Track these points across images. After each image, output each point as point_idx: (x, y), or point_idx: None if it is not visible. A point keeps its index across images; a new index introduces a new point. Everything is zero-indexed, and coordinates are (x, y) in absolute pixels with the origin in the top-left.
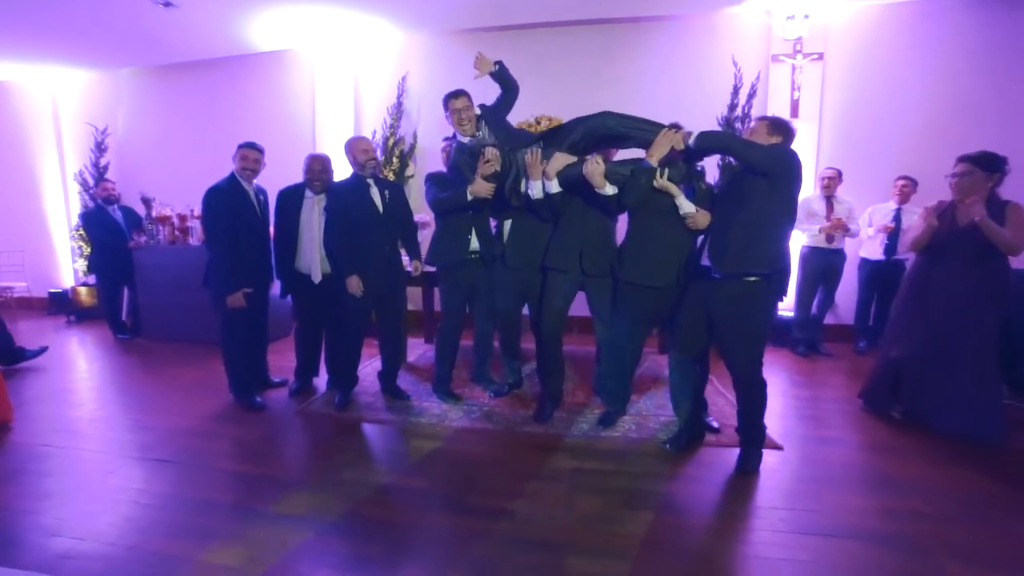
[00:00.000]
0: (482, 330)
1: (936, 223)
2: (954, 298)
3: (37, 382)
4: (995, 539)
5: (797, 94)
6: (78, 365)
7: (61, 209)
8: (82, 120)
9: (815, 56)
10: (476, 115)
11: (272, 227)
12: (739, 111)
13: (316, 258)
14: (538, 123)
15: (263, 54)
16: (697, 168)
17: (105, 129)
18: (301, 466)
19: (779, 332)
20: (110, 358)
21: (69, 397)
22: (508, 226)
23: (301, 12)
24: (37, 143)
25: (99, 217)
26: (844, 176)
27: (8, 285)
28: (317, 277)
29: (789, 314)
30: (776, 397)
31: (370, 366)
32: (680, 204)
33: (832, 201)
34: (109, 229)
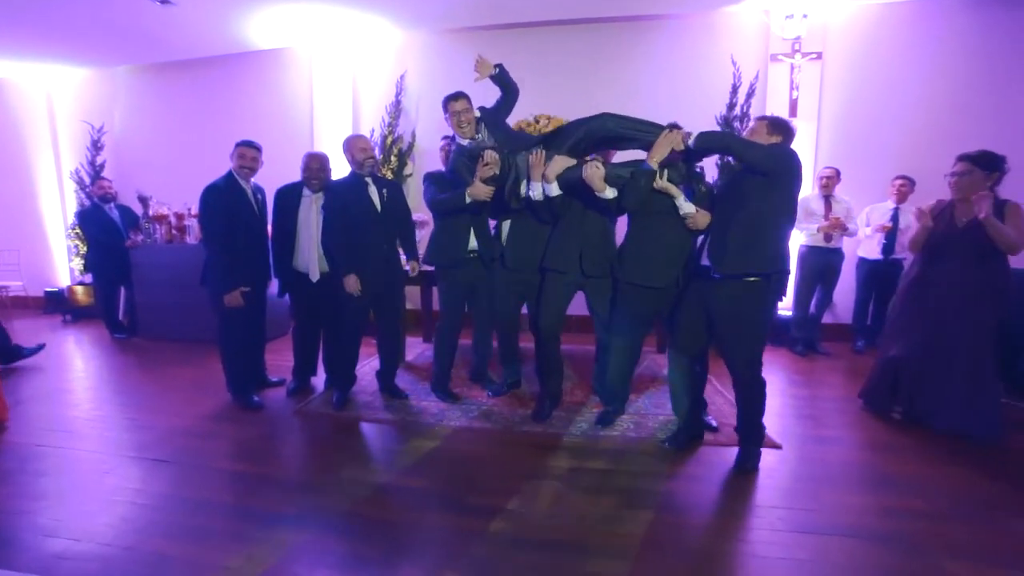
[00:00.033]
0: (481, 329)
1: (930, 223)
2: (953, 297)
3: (33, 381)
4: (993, 538)
5: (796, 93)
6: (74, 364)
7: (57, 207)
8: (78, 118)
9: (814, 55)
10: (476, 117)
11: (270, 226)
12: (738, 110)
13: (314, 257)
14: (537, 121)
15: (261, 52)
16: (696, 170)
17: (101, 127)
18: (299, 466)
19: (777, 331)
20: (107, 357)
21: (65, 396)
22: (507, 228)
23: (299, 10)
24: (32, 141)
25: (95, 216)
26: (842, 175)
27: (4, 284)
28: (315, 276)
29: (787, 313)
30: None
31: (368, 365)
32: (680, 205)
33: (830, 200)
34: (105, 228)
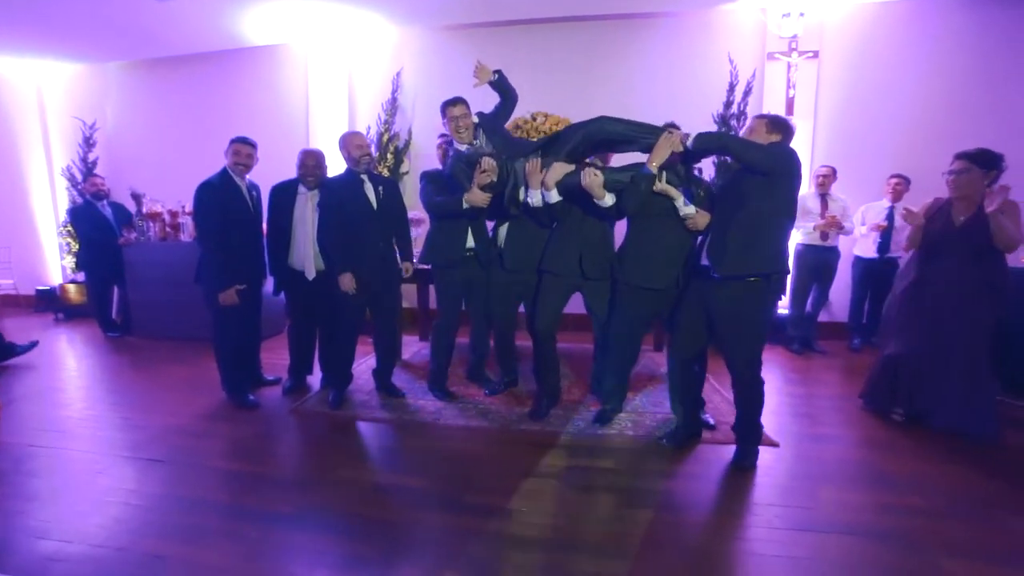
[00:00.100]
0: (478, 328)
1: (922, 221)
2: (950, 296)
3: (25, 380)
4: (990, 535)
5: (792, 92)
6: (67, 363)
7: (48, 205)
8: (69, 114)
9: (810, 54)
10: (473, 123)
11: (265, 223)
12: (735, 108)
13: (310, 254)
14: (534, 119)
15: (256, 48)
16: (695, 173)
17: (93, 124)
18: (295, 465)
19: (774, 329)
20: (100, 356)
21: (57, 396)
22: (504, 230)
23: (294, 6)
24: (23, 137)
25: (88, 213)
26: (838, 174)
27: None
28: (311, 274)
29: (784, 311)
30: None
31: (365, 364)
32: (680, 207)
33: (826, 199)
34: (98, 225)
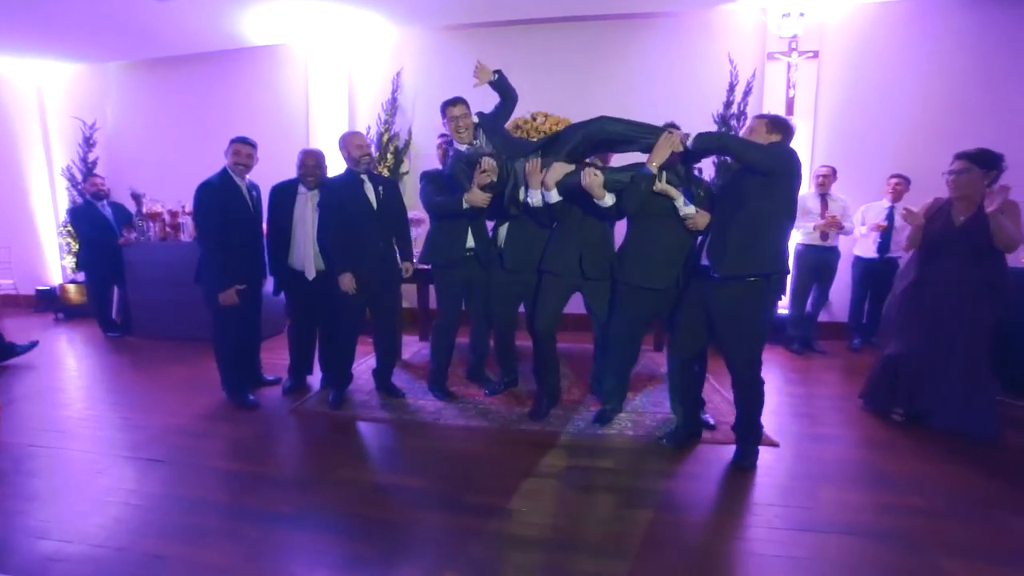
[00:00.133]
0: (478, 328)
1: (922, 221)
2: (950, 296)
3: (25, 380)
4: (990, 535)
5: (792, 92)
6: (67, 363)
7: (48, 205)
8: (69, 114)
9: (810, 54)
10: (473, 123)
11: (265, 223)
12: (735, 108)
13: (310, 254)
14: (534, 119)
15: (256, 48)
16: (695, 173)
17: (93, 124)
18: (295, 465)
19: (774, 329)
20: (100, 356)
21: (57, 396)
22: (504, 230)
23: (294, 6)
24: (23, 137)
25: (88, 213)
26: (838, 174)
27: None
28: (311, 274)
29: (784, 311)
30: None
31: (365, 364)
32: (680, 207)
33: (826, 199)
34: (98, 225)
